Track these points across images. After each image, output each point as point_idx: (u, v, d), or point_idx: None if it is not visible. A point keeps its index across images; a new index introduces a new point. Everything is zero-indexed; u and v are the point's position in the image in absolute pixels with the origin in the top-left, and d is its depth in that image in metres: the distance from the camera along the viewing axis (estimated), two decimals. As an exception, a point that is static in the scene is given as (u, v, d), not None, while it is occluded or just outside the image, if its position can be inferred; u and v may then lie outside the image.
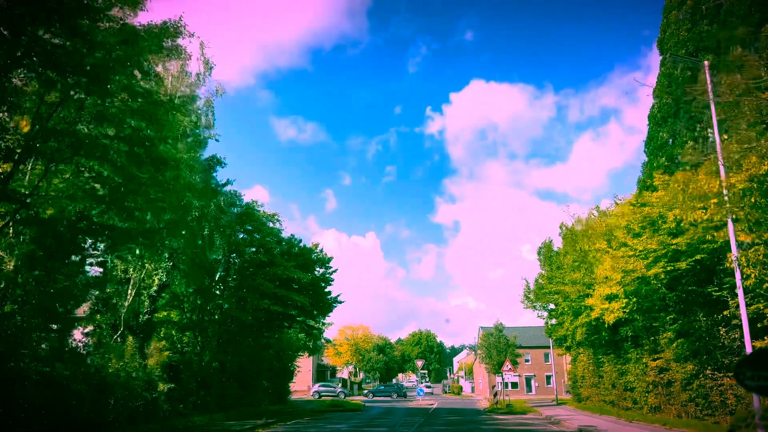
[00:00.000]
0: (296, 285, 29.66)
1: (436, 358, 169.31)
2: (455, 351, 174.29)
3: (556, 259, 30.76)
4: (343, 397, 53.81)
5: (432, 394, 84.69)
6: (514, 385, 70.45)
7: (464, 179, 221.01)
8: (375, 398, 59.50)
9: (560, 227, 33.36)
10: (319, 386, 60.89)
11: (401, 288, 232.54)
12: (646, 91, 29.20)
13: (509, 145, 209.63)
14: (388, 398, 59.32)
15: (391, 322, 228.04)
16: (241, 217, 28.61)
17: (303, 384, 71.58)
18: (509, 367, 35.71)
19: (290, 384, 43.71)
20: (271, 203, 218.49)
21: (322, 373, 77.66)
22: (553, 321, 41.66)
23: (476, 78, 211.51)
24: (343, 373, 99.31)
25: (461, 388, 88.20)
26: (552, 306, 33.89)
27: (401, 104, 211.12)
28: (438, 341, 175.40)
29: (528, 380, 77.43)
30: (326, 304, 33.46)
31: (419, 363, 50.08)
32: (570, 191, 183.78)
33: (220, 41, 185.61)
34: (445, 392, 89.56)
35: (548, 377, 78.91)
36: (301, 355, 54.10)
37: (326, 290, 33.49)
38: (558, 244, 34.78)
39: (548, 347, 79.89)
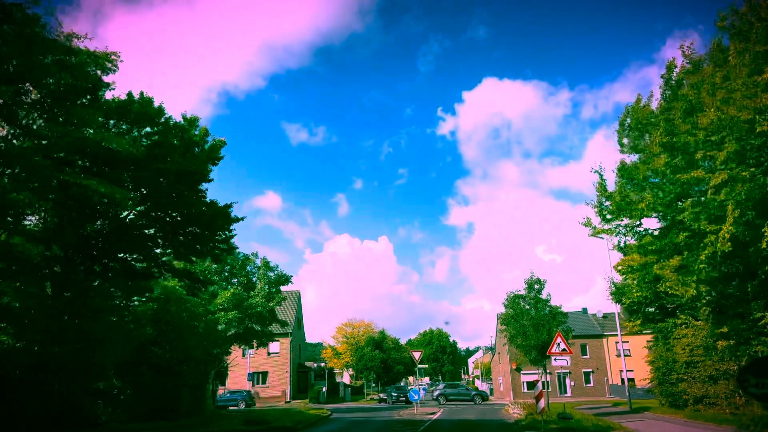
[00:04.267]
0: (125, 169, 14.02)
1: (449, 359, 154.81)
2: (470, 353, 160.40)
3: (670, 112, 15.38)
4: (479, 401, 44.84)
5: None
6: (543, 385, 50.21)
7: (477, 180, 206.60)
8: (358, 405, 44.24)
9: (668, 67, 17.61)
10: (444, 387, 49.38)
11: (415, 292, 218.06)
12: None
13: (523, 143, 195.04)
14: (385, 404, 44.12)
15: (405, 326, 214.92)
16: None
17: (277, 389, 56.97)
18: (563, 346, 19.77)
19: (221, 386, 28.61)
20: (285, 209, 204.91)
21: (304, 375, 62.62)
22: (619, 280, 26.37)
23: (489, 76, 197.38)
24: (344, 377, 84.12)
25: (477, 389, 72.92)
26: (650, 224, 18.25)
27: (413, 104, 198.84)
28: (451, 341, 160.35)
29: (561, 378, 61.06)
30: (205, 217, 17.02)
31: (416, 354, 34.49)
32: (585, 190, 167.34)
33: (228, 44, 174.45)
34: (458, 396, 74.38)
35: (587, 374, 62.70)
36: (246, 347, 39.20)
37: (202, 192, 17.10)
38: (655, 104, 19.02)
39: (586, 336, 64.35)
